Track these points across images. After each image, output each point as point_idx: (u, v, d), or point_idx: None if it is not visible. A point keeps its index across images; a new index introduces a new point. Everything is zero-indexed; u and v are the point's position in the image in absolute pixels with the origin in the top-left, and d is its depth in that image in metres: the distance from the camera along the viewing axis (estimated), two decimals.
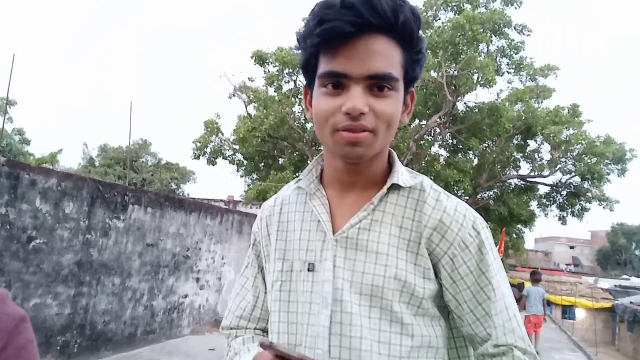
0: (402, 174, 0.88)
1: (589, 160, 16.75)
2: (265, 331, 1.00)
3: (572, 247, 47.59)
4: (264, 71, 18.21)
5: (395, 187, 0.87)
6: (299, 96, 18.75)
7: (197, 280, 7.64)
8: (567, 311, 18.66)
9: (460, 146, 17.90)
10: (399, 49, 0.78)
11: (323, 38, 0.76)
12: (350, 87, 0.77)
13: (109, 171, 25.75)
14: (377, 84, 0.77)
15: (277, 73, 17.94)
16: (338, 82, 0.78)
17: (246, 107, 18.17)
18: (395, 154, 0.92)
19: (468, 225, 0.85)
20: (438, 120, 16.32)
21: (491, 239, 0.88)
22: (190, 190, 30.93)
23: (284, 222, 0.94)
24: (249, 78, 18.41)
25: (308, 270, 0.87)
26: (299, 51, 0.84)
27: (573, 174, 17.64)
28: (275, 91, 18.30)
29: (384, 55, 0.76)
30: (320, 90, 0.80)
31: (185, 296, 7.34)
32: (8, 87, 8.76)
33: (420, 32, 0.80)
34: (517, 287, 15.54)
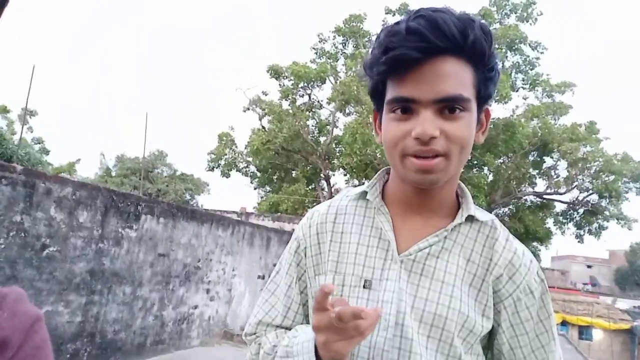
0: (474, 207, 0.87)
1: (606, 178, 16.50)
2: None
3: (589, 267, 46.56)
4: (279, 85, 18.40)
5: (468, 219, 0.85)
6: (313, 110, 18.87)
7: (208, 291, 7.65)
8: (584, 332, 18.20)
9: (475, 162, 17.78)
10: (470, 69, 0.76)
11: (390, 66, 0.75)
12: (420, 111, 0.75)
13: (125, 181, 26.07)
14: (448, 106, 0.74)
15: (292, 87, 18.10)
16: (407, 107, 0.76)
17: (260, 120, 18.34)
18: (464, 185, 0.90)
19: (534, 271, 0.84)
20: None
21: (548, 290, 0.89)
22: (205, 201, 31.18)
23: (338, 232, 0.90)
24: (263, 92, 18.63)
25: (364, 287, 0.82)
26: (366, 78, 0.84)
27: (590, 191, 17.37)
28: (289, 105, 18.45)
29: (454, 77, 0.74)
30: (389, 116, 0.79)
31: (195, 307, 7.35)
32: (27, 98, 9.00)
33: (493, 48, 0.77)
34: None
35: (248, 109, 18.38)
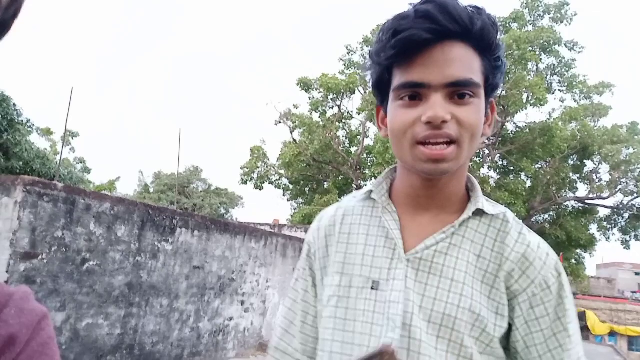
0: (484, 201, 0.84)
1: None
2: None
3: (637, 274, 44.38)
4: (309, 97, 18.57)
5: (478, 213, 0.82)
6: (344, 120, 18.92)
7: (242, 303, 7.70)
8: (634, 342, 17.31)
9: (511, 167, 17.35)
10: (477, 56, 0.76)
11: (399, 49, 0.74)
12: (430, 96, 0.74)
13: (162, 197, 26.76)
14: (458, 91, 0.74)
15: (321, 99, 18.23)
16: (415, 93, 0.75)
17: (291, 132, 18.52)
18: (474, 178, 0.87)
19: (551, 264, 0.80)
20: (486, 141, 15.96)
21: (569, 284, 0.83)
22: (239, 214, 31.63)
23: (345, 233, 0.88)
24: (294, 105, 18.86)
25: (372, 288, 0.80)
26: (368, 71, 0.83)
27: (635, 195, 16.65)
28: (319, 117, 18.58)
29: (463, 62, 0.74)
30: (396, 104, 0.78)
31: (231, 319, 7.41)
32: (66, 119, 9.43)
33: (500, 38, 0.78)
34: (578, 317, 14.70)
35: (279, 122, 18.63)
